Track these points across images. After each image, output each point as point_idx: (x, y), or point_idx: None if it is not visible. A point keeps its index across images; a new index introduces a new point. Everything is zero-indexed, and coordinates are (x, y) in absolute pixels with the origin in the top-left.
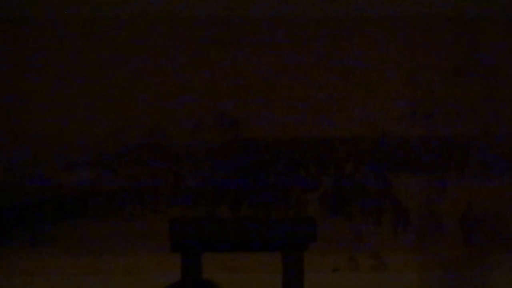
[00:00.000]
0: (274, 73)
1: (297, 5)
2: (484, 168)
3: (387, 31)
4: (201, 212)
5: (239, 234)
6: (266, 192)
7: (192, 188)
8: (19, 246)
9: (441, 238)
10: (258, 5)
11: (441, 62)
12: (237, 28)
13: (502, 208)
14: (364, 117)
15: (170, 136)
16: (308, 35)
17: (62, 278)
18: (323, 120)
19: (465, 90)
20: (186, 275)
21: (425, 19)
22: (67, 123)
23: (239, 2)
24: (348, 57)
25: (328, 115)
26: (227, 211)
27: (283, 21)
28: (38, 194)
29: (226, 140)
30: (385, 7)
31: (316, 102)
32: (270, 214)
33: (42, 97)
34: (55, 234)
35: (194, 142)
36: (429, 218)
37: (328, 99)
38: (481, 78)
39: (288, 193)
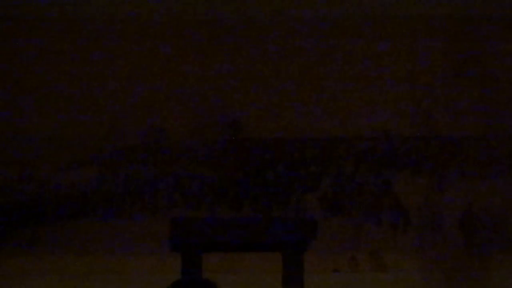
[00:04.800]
0: (274, 73)
1: (297, 5)
2: (484, 168)
3: (387, 31)
4: (201, 212)
5: (239, 234)
6: (266, 192)
7: (192, 188)
8: (18, 246)
9: (441, 238)
10: (258, 5)
11: (441, 62)
12: (238, 28)
13: (502, 208)
14: (364, 117)
15: (170, 136)
16: (308, 36)
17: (61, 278)
18: (323, 120)
19: (465, 90)
20: (186, 275)
21: (426, 19)
22: (66, 124)
23: (240, 2)
24: (348, 57)
25: (328, 115)
26: (227, 211)
27: (283, 22)
28: (38, 194)
29: (226, 140)
30: (385, 7)
31: (316, 102)
32: (270, 214)
33: (41, 98)
34: (55, 234)
35: (194, 142)
36: (429, 218)
37: (328, 99)
38: (481, 78)
39: (288, 193)
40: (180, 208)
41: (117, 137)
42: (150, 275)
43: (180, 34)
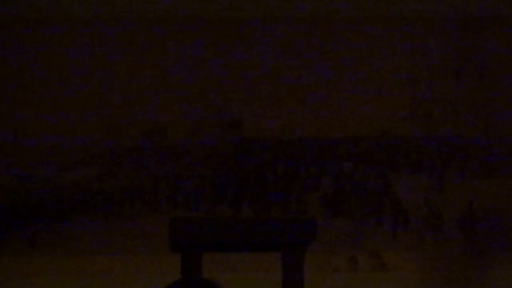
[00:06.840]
0: (274, 73)
1: (297, 5)
2: (484, 168)
3: (387, 31)
4: (201, 212)
5: (239, 234)
6: (266, 192)
7: (192, 188)
8: (18, 246)
9: (441, 238)
10: (258, 4)
11: (441, 62)
12: (237, 28)
13: (502, 208)
14: (364, 117)
15: (169, 136)
16: (308, 35)
17: (61, 278)
18: (323, 120)
19: (465, 90)
20: (186, 275)
21: (425, 19)
22: (67, 124)
23: (240, 2)
24: (348, 57)
25: (328, 115)
26: (227, 211)
27: (283, 21)
28: (38, 194)
29: (226, 140)
30: (385, 7)
31: (316, 102)
32: (270, 214)
33: (42, 98)
34: (55, 234)
35: (194, 142)
36: (429, 218)
37: (328, 99)
38: (481, 78)
39: (288, 193)
40: (180, 208)
41: (117, 137)
42: (150, 275)
43: (179, 34)
